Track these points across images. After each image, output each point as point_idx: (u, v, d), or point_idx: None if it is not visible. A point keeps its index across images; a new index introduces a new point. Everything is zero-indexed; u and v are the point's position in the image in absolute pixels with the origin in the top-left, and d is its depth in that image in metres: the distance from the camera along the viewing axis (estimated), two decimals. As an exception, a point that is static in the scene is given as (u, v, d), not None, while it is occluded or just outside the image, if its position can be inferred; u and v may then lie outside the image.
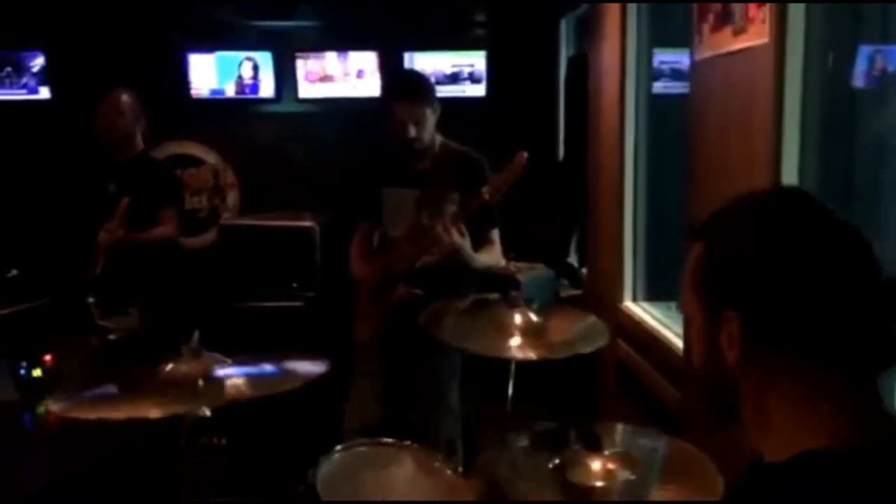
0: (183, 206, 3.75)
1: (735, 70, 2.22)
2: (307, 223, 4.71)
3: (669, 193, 3.27)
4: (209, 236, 5.19)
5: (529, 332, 2.15)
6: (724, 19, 2.24)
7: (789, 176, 1.99)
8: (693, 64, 2.56)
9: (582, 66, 4.18)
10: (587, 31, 4.13)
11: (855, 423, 0.87)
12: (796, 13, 1.95)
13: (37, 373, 2.63)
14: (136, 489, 2.37)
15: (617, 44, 3.44)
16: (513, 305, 2.18)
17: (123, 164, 3.47)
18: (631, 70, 3.40)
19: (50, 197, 4.85)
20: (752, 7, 2.06)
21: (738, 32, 2.16)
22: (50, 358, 2.67)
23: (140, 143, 3.59)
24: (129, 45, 5.13)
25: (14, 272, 3.15)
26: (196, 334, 1.55)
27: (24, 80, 5.14)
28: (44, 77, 5.13)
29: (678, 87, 3.28)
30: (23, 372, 2.60)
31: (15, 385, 2.57)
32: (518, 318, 2.13)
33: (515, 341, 2.10)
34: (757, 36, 2.05)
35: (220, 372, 1.59)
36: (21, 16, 5.08)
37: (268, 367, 1.71)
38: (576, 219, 4.47)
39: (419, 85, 2.83)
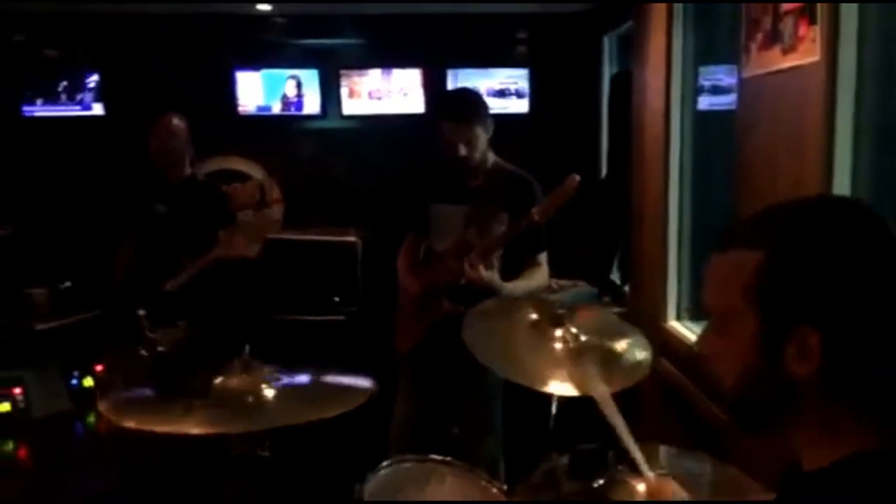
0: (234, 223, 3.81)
1: (785, 88, 2.20)
2: (350, 238, 4.76)
3: (714, 210, 3.24)
4: (253, 250, 5.26)
5: (572, 350, 2.12)
6: (773, 38, 2.22)
7: (841, 193, 1.96)
8: (741, 81, 2.54)
9: (625, 83, 4.16)
10: (631, 48, 4.12)
11: None
12: (848, 32, 1.93)
13: (88, 382, 2.70)
14: (181, 500, 2.41)
15: (662, 60, 3.43)
16: (554, 323, 2.15)
17: (175, 186, 3.53)
18: (676, 86, 3.38)
19: (102, 211, 4.97)
20: (803, 26, 2.05)
21: (787, 51, 2.14)
22: (101, 368, 2.74)
23: (189, 165, 3.66)
24: (179, 63, 5.27)
25: (67, 284, 3.24)
26: (247, 348, 1.57)
27: (79, 97, 5.29)
28: (98, 94, 5.27)
29: (723, 104, 3.26)
30: (75, 381, 2.67)
31: (68, 394, 2.63)
32: (559, 344, 2.07)
33: (556, 370, 2.04)
34: (808, 54, 2.03)
35: (270, 392, 1.60)
36: (77, 34, 5.25)
37: (317, 387, 1.71)
38: (618, 236, 4.44)
39: (470, 104, 2.84)
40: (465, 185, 2.86)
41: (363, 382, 1.72)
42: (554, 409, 2.15)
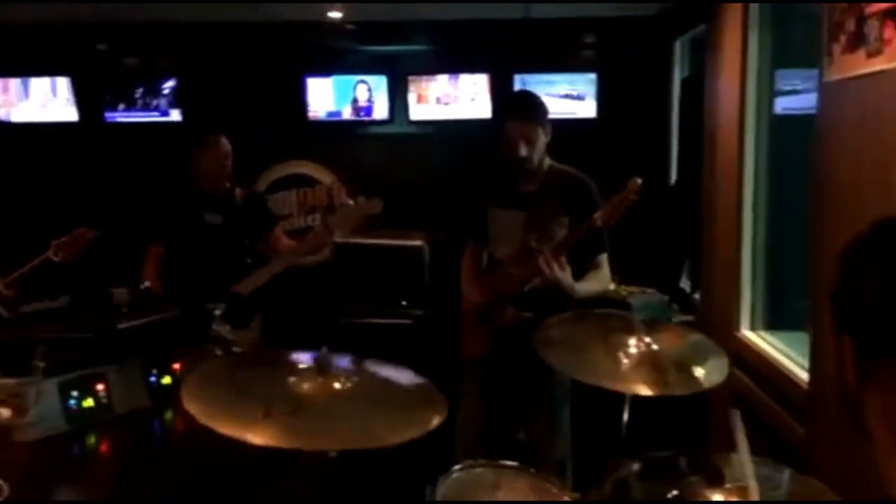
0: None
1: (869, 93, 2.13)
2: (417, 242, 4.79)
3: (791, 217, 3.17)
4: (323, 254, 5.35)
5: (645, 358, 2.11)
6: (857, 41, 2.15)
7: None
8: (821, 85, 2.48)
9: (697, 87, 4.10)
10: (704, 52, 4.05)
11: None
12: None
13: (166, 380, 2.77)
14: (252, 499, 2.45)
15: (737, 64, 3.36)
16: (630, 330, 2.14)
17: (221, 197, 3.65)
18: (751, 90, 3.31)
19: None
20: (889, 29, 1.98)
21: (872, 54, 2.07)
22: (178, 367, 2.81)
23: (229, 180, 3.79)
24: (252, 70, 5.40)
25: (146, 284, 3.35)
26: (324, 350, 1.60)
27: (156, 103, 5.47)
28: (175, 100, 5.44)
29: (801, 108, 3.18)
30: (153, 379, 2.75)
31: (147, 392, 2.71)
32: (633, 349, 2.07)
33: (631, 374, 2.04)
34: (894, 58, 1.97)
35: (345, 400, 1.59)
36: (156, 43, 5.43)
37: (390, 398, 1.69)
38: (688, 243, 4.37)
39: (533, 104, 2.85)
40: (521, 190, 2.86)
41: (437, 403, 1.68)
42: (626, 416, 2.13)
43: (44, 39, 5.31)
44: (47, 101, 5.46)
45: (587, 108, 5.23)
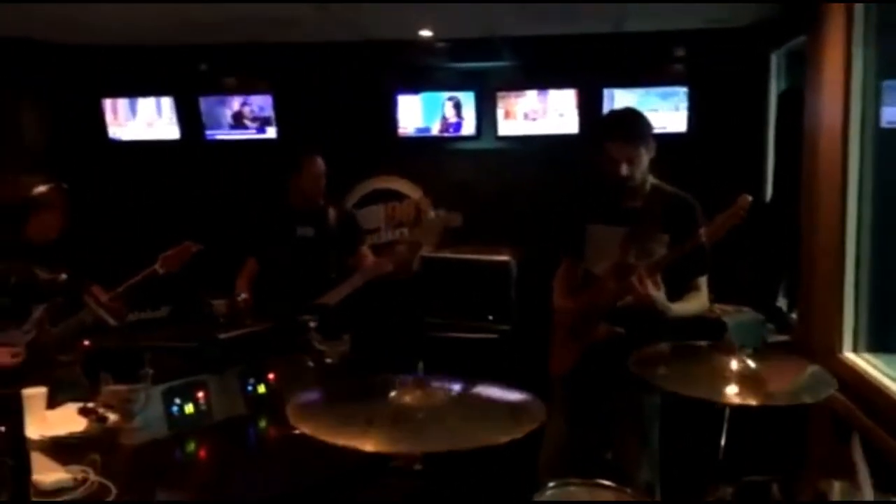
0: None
1: None
2: (504, 258, 4.79)
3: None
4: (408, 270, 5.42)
5: (746, 378, 2.06)
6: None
7: None
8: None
9: (796, 101, 3.97)
10: (803, 64, 3.92)
11: None
12: None
13: (262, 389, 2.86)
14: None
15: (839, 75, 3.24)
16: (727, 352, 2.09)
17: (313, 212, 3.77)
18: (856, 103, 3.18)
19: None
20: None
21: None
22: (273, 376, 2.90)
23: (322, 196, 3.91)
24: (344, 88, 5.54)
25: (244, 296, 3.47)
26: (421, 365, 1.62)
27: (253, 121, 5.67)
28: (271, 118, 5.63)
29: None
30: (250, 388, 2.84)
31: (243, 400, 2.80)
32: (734, 364, 2.04)
33: (732, 388, 2.01)
34: None
35: (442, 411, 1.61)
36: (251, 61, 5.64)
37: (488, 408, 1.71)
38: (785, 261, 4.22)
39: (635, 124, 2.81)
40: (623, 206, 2.82)
41: (535, 407, 1.70)
42: (723, 441, 2.08)
43: (149, 61, 5.58)
44: (153, 120, 5.74)
45: (677, 123, 5.14)
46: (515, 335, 4.63)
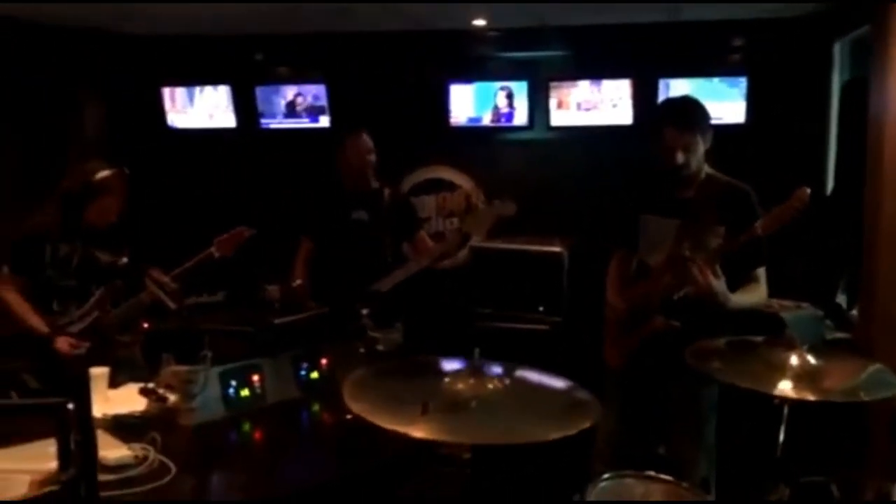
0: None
1: None
2: (556, 248, 4.76)
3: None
4: (461, 257, 5.42)
5: (803, 374, 2.02)
6: None
7: None
8: None
9: (860, 92, 3.86)
10: (868, 54, 3.81)
11: None
12: None
13: (314, 375, 2.89)
14: (388, 495, 2.50)
15: (907, 66, 3.15)
16: (786, 347, 2.05)
17: (367, 195, 3.75)
18: (925, 94, 3.09)
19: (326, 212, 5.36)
20: None
21: None
22: (325, 362, 2.93)
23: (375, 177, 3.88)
24: (396, 77, 5.56)
25: (298, 282, 3.51)
26: (477, 352, 1.62)
27: (308, 110, 5.72)
28: (324, 107, 5.67)
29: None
30: (303, 373, 2.88)
31: (297, 384, 2.84)
32: (793, 360, 1.99)
33: (788, 383, 1.97)
34: None
35: (496, 400, 1.60)
36: (305, 51, 5.69)
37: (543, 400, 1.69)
38: (846, 257, 4.12)
39: (692, 111, 2.77)
40: (677, 196, 2.78)
41: (590, 404, 1.68)
42: (781, 438, 2.04)
43: (206, 51, 5.68)
44: (210, 109, 5.84)
45: (736, 114, 5.02)
46: (566, 327, 4.60)
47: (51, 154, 5.00)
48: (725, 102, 5.00)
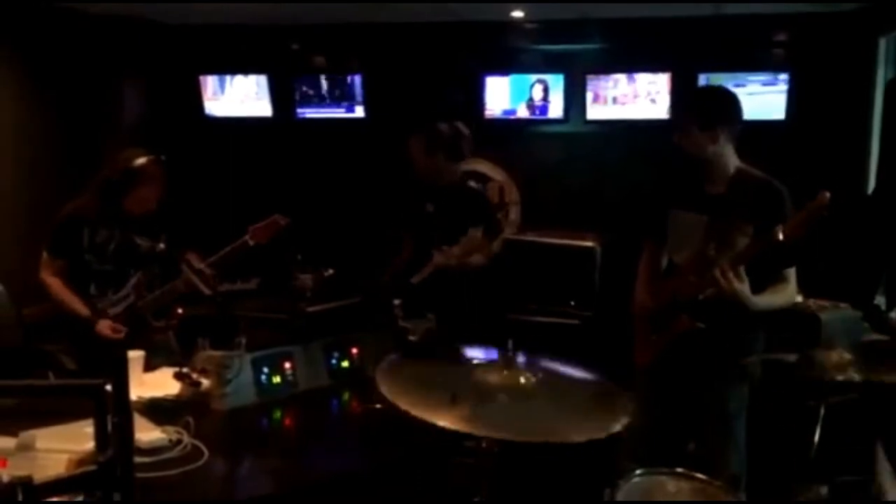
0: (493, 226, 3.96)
1: None
2: (589, 243, 4.74)
3: None
4: (475, 261, 5.39)
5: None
6: None
7: None
8: None
9: (905, 89, 3.78)
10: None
11: None
12: None
13: (345, 364, 2.92)
14: (414, 485, 2.51)
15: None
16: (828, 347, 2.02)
17: (442, 188, 3.78)
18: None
19: (363, 206, 5.40)
20: None
21: None
22: (356, 351, 2.95)
23: (451, 171, 3.88)
24: (432, 68, 5.55)
25: (330, 272, 3.53)
26: (510, 343, 1.62)
27: (342, 100, 5.75)
28: (360, 97, 5.69)
29: None
30: (334, 362, 2.90)
31: (327, 373, 2.87)
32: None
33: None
34: None
35: (528, 394, 1.60)
36: (342, 42, 5.71)
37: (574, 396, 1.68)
38: (886, 257, 4.04)
39: (720, 102, 2.73)
40: (706, 192, 2.74)
41: (622, 404, 1.66)
42: (817, 437, 2.01)
43: (244, 40, 5.72)
44: (246, 97, 5.89)
45: (776, 110, 4.94)
46: (597, 322, 4.58)
47: (92, 141, 5.10)
48: (767, 98, 4.92)
